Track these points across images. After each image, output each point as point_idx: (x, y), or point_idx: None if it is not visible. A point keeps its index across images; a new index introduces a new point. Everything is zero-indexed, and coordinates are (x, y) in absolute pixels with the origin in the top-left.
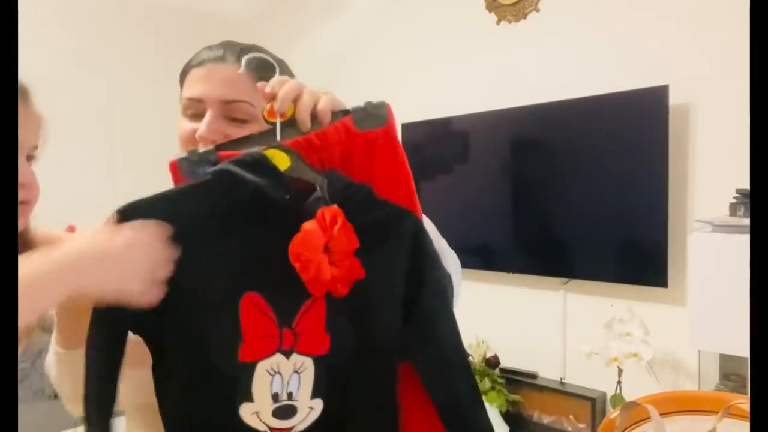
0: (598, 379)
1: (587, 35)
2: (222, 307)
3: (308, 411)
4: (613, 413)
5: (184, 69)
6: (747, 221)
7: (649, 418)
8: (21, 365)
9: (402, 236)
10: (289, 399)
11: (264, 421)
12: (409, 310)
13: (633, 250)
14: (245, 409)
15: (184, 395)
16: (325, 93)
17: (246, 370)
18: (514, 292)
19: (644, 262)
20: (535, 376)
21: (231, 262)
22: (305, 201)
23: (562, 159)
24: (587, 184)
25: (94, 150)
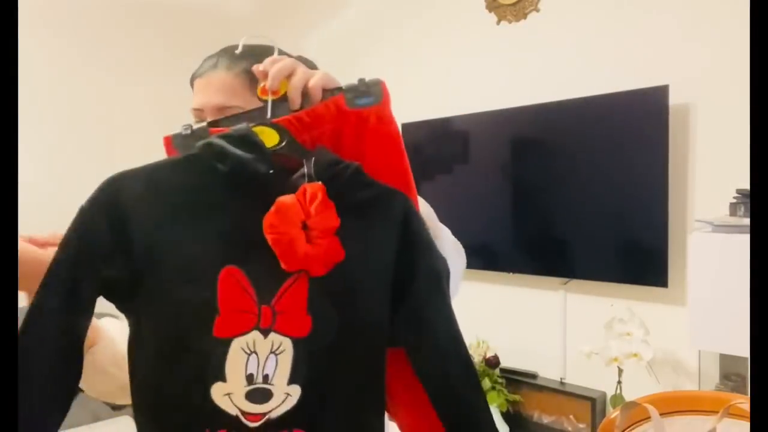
0: (598, 379)
1: (587, 35)
2: (199, 279)
3: (284, 397)
4: (613, 413)
5: (190, 80)
6: (747, 221)
7: (649, 418)
8: None
9: (390, 218)
10: (265, 382)
11: (236, 404)
12: (401, 297)
13: (633, 250)
14: (217, 389)
15: (154, 367)
16: (321, 72)
17: (220, 345)
18: (514, 292)
19: (644, 261)
20: (535, 376)
21: (212, 235)
22: (291, 177)
23: (562, 159)
24: (587, 184)
25: (95, 150)
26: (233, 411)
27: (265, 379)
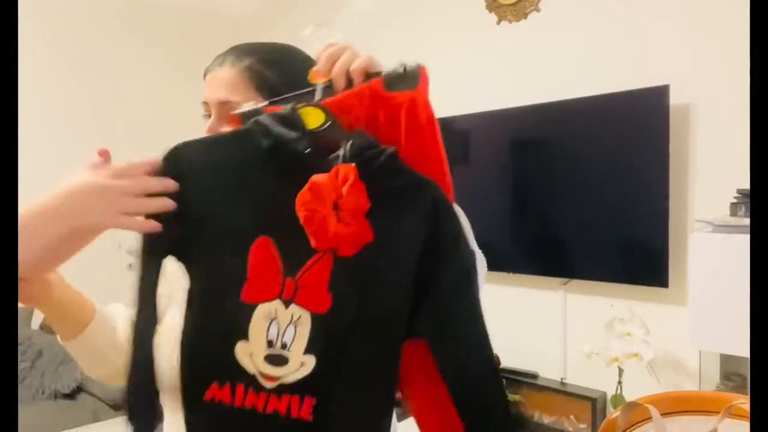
0: (598, 379)
1: (587, 35)
2: (235, 246)
3: (299, 365)
4: (614, 413)
5: (203, 75)
6: (747, 221)
7: (650, 418)
8: (21, 365)
9: (419, 209)
10: (283, 349)
11: (256, 364)
12: (426, 286)
13: (633, 250)
14: (241, 348)
15: (193, 324)
16: (366, 55)
17: (246, 309)
18: (514, 292)
19: (645, 262)
20: (535, 376)
21: (251, 207)
22: (327, 158)
23: (562, 159)
24: (587, 184)
25: (95, 149)
26: (252, 370)
27: (284, 346)
